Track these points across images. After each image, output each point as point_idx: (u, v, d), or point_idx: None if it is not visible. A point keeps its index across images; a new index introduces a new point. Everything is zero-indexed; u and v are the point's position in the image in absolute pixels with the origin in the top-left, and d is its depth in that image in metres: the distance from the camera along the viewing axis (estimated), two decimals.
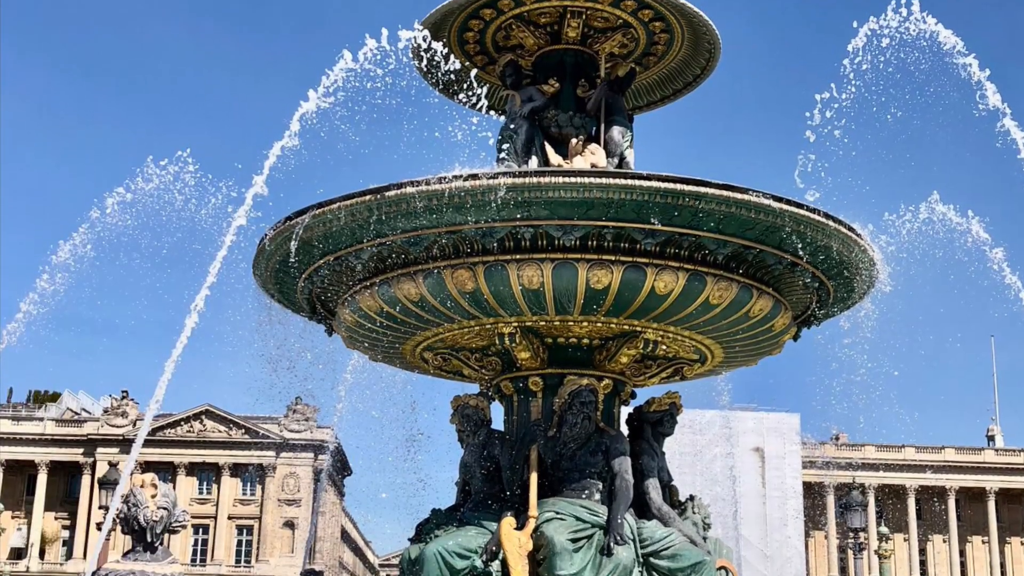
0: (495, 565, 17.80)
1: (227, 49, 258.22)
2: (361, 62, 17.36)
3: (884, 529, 71.77)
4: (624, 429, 19.48)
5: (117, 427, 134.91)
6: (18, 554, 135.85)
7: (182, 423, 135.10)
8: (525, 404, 19.38)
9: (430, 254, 17.55)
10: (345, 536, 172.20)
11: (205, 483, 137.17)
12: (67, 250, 19.99)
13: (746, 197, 16.87)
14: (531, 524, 17.75)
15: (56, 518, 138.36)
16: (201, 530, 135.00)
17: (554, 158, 19.72)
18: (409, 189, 16.71)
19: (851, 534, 65.56)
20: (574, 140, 19.91)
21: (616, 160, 19.86)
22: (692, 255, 17.53)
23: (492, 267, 17.44)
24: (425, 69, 20.09)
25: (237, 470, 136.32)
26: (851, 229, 18.14)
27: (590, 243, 17.18)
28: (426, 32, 18.41)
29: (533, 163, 19.52)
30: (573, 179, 16.73)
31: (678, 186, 16.60)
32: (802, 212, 17.36)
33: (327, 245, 18.16)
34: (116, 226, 19.87)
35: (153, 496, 19.39)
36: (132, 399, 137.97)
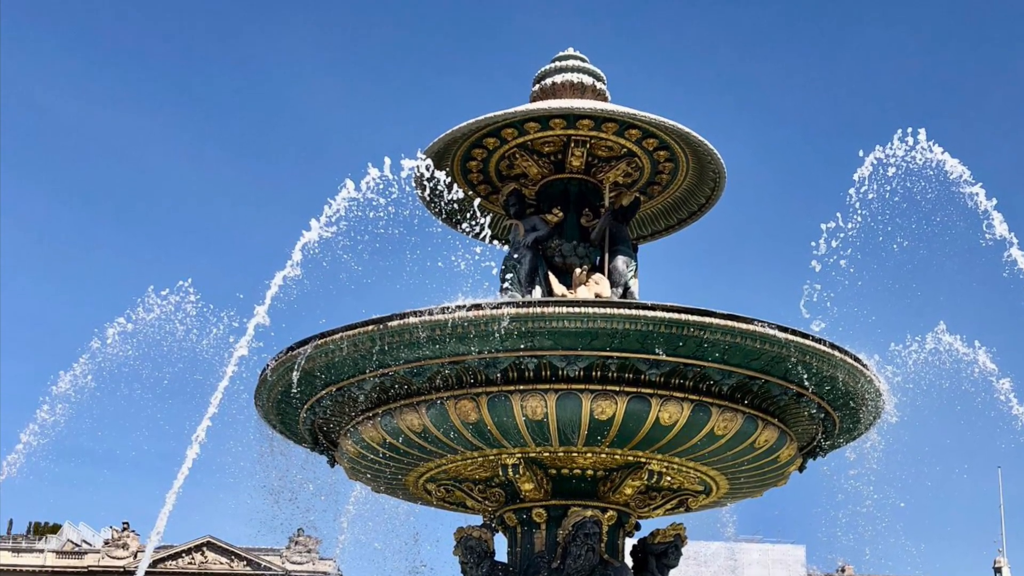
0: None
1: (228, 178, 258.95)
2: (363, 191, 17.34)
3: None
4: (628, 561, 19.29)
5: (118, 559, 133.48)
6: None
7: (183, 555, 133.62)
8: (529, 536, 19.14)
9: (433, 384, 17.40)
10: None
11: None
12: (67, 380, 19.91)
13: (751, 327, 16.76)
14: None
15: None
16: None
17: (558, 288, 19.66)
18: (412, 319, 16.63)
19: None
20: (578, 270, 19.86)
21: (620, 290, 19.78)
22: (697, 385, 17.39)
23: (495, 397, 17.29)
24: (428, 198, 20.05)
25: None
26: (857, 360, 18.02)
27: (594, 373, 17.05)
28: (429, 161, 18.43)
29: (537, 293, 19.43)
30: (577, 309, 16.63)
31: (683, 316, 16.50)
32: (808, 342, 17.24)
33: (329, 375, 18.03)
34: (117, 356, 19.82)
35: None
36: (133, 530, 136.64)
